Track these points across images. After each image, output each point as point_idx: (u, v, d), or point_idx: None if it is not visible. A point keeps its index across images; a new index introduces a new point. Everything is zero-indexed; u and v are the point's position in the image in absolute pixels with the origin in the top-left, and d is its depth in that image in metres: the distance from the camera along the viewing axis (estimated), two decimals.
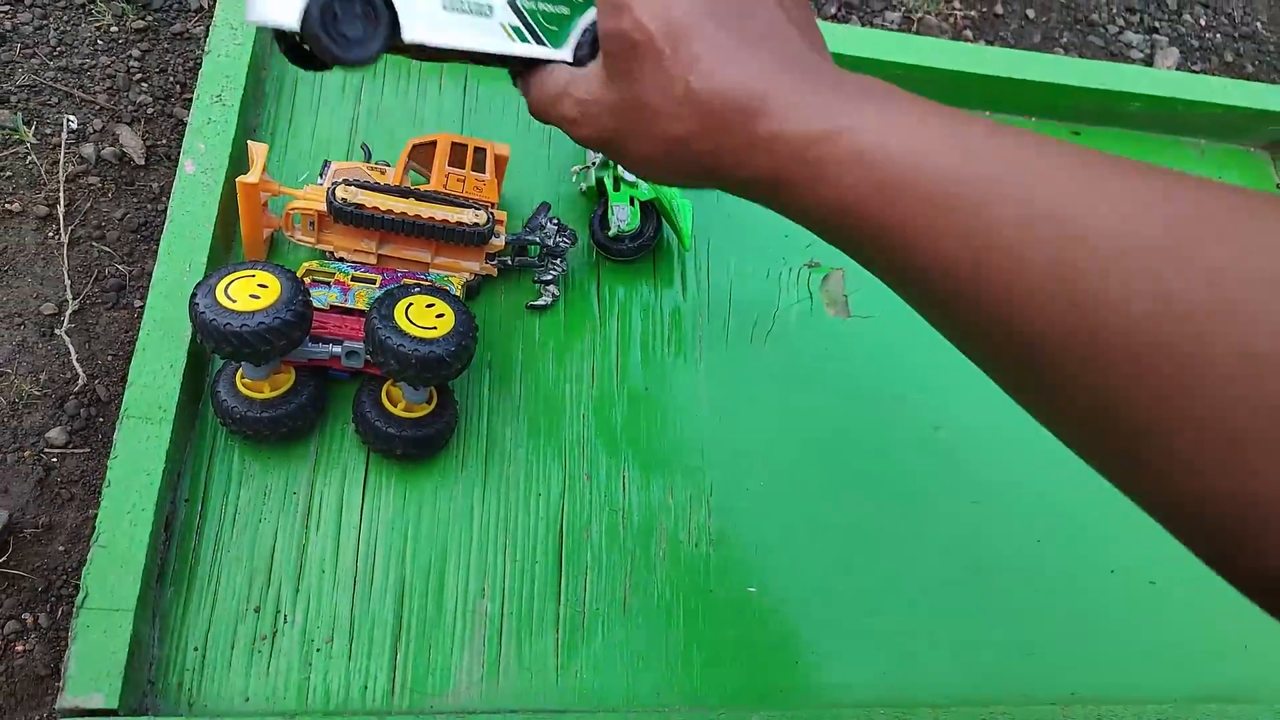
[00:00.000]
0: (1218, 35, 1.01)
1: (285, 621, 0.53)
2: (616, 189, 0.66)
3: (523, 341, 0.63)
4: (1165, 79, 0.81)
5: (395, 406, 0.55)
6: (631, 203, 0.65)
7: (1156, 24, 0.99)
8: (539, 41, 0.41)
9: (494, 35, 0.40)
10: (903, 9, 0.92)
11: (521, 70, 0.43)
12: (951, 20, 0.94)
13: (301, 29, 0.37)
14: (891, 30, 0.90)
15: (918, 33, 0.91)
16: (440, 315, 0.53)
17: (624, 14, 0.35)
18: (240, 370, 0.54)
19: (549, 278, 0.62)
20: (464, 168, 0.61)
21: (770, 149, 0.33)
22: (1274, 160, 0.87)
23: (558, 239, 0.62)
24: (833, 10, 0.91)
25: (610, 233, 0.65)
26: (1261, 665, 0.64)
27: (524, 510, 0.58)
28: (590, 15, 0.42)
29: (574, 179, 0.68)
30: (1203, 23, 1.01)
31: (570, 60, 0.41)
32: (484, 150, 0.63)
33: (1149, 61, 0.97)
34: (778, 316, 0.68)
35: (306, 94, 0.69)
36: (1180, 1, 1.00)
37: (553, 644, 0.55)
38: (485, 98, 0.71)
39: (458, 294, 0.59)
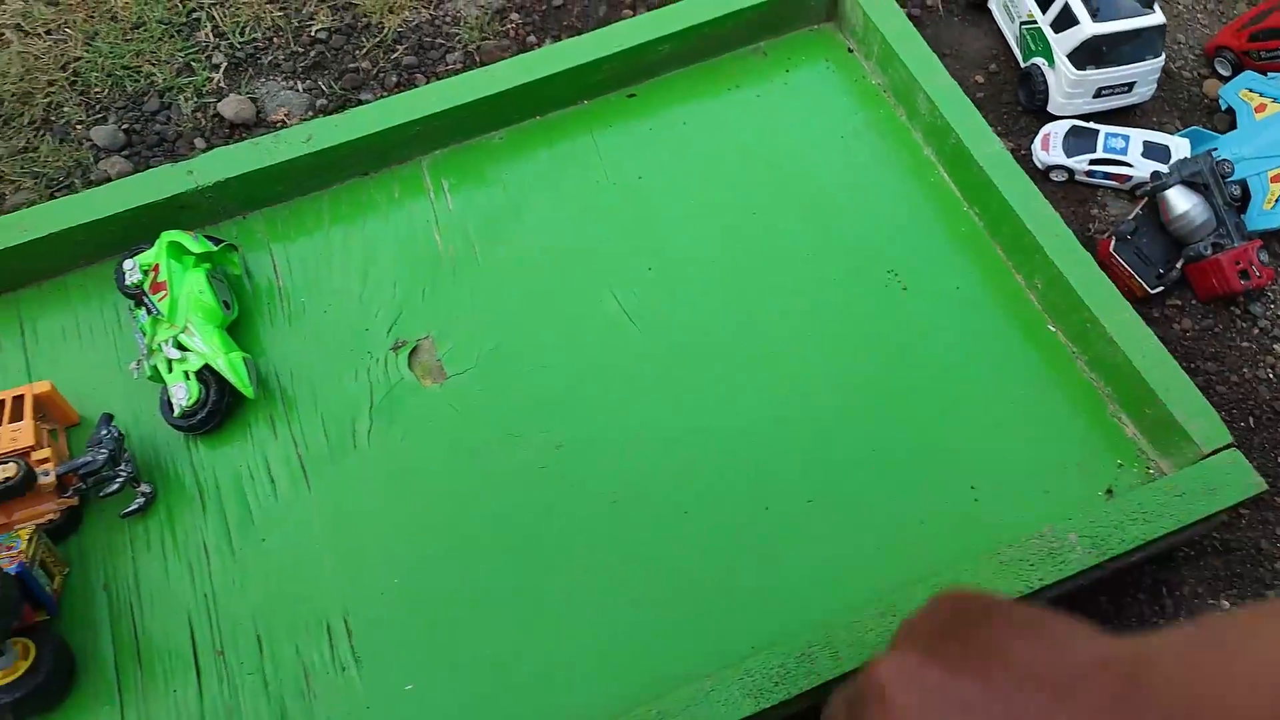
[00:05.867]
0: None
1: None
2: (170, 370, 0.67)
3: (132, 550, 0.65)
4: (679, 11, 0.82)
5: None
6: (187, 377, 0.67)
7: None
8: None
9: None
10: (460, 46, 0.93)
11: None
12: (512, 34, 0.94)
13: None
14: (456, 72, 0.91)
15: (481, 64, 0.92)
16: None
17: None
18: None
19: (114, 487, 0.63)
20: (2, 421, 0.63)
21: None
22: (840, 29, 0.87)
23: (111, 446, 0.63)
24: (394, 79, 0.92)
25: (176, 414, 0.66)
26: (935, 543, 0.64)
27: (164, 704, 0.60)
28: None
29: (134, 375, 0.69)
30: None
31: None
32: (21, 397, 0.65)
33: None
34: (374, 412, 0.69)
35: None
36: None
37: None
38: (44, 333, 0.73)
39: (24, 547, 0.60)
